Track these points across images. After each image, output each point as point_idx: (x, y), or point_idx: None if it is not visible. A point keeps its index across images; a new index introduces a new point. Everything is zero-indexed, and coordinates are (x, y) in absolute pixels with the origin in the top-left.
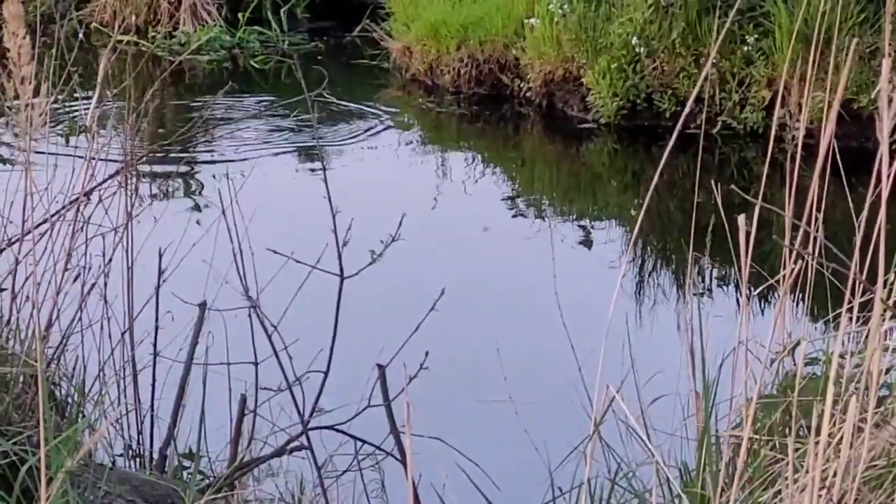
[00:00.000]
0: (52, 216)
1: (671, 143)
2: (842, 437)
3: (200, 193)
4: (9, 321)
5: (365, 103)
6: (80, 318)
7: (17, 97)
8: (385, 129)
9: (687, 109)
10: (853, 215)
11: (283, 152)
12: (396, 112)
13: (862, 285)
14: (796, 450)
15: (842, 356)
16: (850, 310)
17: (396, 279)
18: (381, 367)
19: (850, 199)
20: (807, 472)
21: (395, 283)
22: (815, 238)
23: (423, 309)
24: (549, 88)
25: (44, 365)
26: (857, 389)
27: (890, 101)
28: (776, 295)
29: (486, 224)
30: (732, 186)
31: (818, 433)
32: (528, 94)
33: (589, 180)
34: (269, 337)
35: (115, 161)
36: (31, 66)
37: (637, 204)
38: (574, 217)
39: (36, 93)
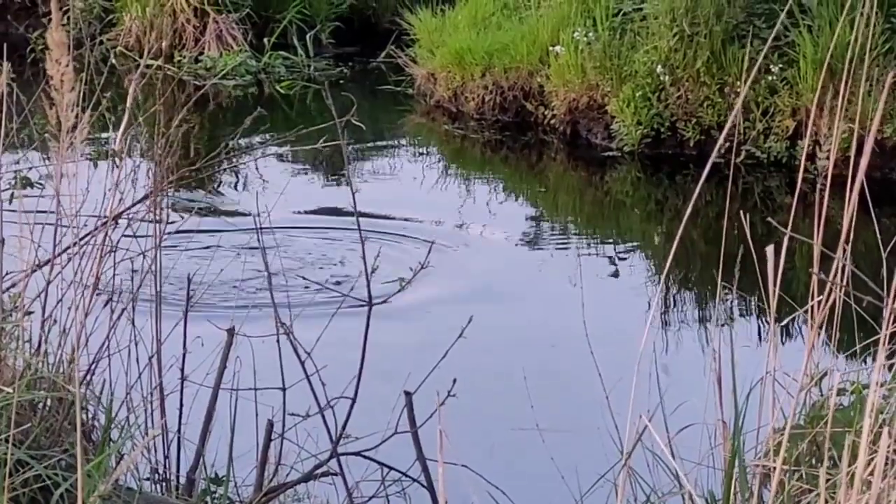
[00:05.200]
0: (81, 240)
1: (704, 174)
2: (873, 469)
3: (229, 219)
4: (39, 345)
5: (389, 129)
6: (108, 344)
7: (58, 123)
8: (409, 155)
9: (721, 141)
10: (880, 246)
11: (311, 178)
12: (421, 138)
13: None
14: (826, 481)
15: (867, 386)
16: (877, 342)
17: (424, 306)
18: (408, 394)
19: (877, 231)
20: None
21: (422, 310)
22: (843, 268)
23: (450, 335)
24: (574, 116)
25: (78, 390)
26: (888, 421)
27: None
28: (801, 324)
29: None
30: (769, 219)
31: (850, 465)
32: (552, 122)
33: (613, 208)
34: (303, 363)
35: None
36: (73, 93)
37: (661, 232)
38: (599, 245)
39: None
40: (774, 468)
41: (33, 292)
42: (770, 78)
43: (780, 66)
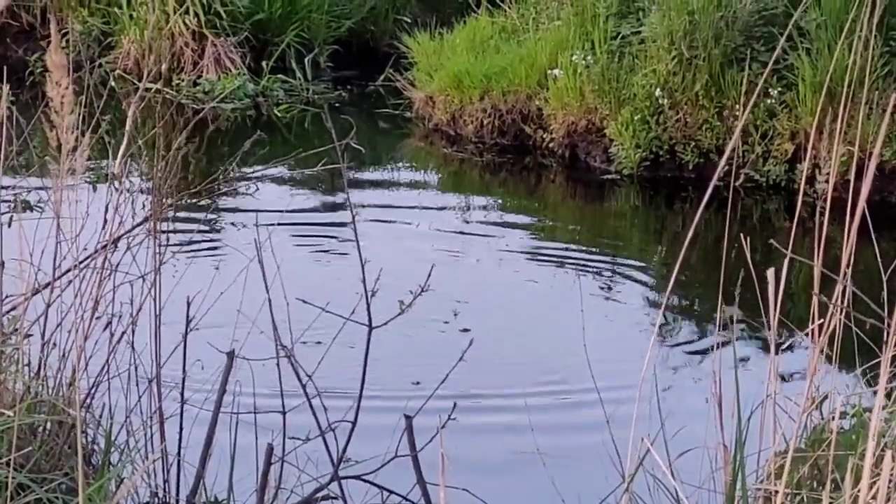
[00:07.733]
0: (81, 262)
1: (705, 198)
2: (876, 493)
3: (228, 242)
4: (39, 368)
5: (388, 153)
6: (108, 368)
7: (58, 145)
8: (408, 178)
9: (722, 165)
10: (881, 269)
11: (311, 201)
12: (419, 162)
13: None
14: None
15: (869, 410)
16: (879, 365)
17: (422, 329)
18: (408, 418)
19: (878, 254)
20: None
21: (421, 333)
22: (844, 290)
23: (451, 359)
24: (572, 139)
25: (78, 414)
26: (890, 444)
27: None
28: (802, 346)
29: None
30: (771, 241)
31: (853, 488)
32: (550, 145)
33: (612, 231)
34: (304, 386)
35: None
36: (73, 116)
37: (661, 253)
38: (598, 268)
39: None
40: (776, 492)
41: (33, 315)
42: (769, 101)
43: (779, 89)
